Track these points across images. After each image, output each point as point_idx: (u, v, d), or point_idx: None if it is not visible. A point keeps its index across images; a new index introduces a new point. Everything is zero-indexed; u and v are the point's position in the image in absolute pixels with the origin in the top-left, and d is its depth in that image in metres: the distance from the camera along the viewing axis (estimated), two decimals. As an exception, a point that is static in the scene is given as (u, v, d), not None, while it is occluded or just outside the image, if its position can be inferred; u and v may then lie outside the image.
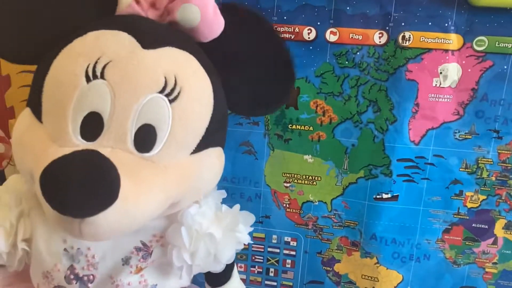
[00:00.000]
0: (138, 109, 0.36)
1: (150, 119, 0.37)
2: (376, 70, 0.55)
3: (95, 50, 0.37)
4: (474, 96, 0.54)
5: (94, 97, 0.36)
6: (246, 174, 0.61)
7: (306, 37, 0.55)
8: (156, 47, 0.38)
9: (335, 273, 0.63)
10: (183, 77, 0.38)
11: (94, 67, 0.36)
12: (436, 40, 0.53)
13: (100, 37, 0.38)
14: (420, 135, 0.56)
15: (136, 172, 0.36)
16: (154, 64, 0.37)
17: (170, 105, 0.37)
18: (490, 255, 0.59)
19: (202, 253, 0.43)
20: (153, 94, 0.36)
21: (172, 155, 0.38)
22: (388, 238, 0.59)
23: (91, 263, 0.43)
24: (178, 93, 0.37)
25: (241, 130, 0.59)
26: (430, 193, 0.58)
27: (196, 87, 0.39)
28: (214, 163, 0.44)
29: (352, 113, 0.57)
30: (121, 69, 0.36)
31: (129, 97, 0.36)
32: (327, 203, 0.60)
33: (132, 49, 0.37)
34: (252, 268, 0.65)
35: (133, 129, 0.36)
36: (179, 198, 0.41)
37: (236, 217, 0.47)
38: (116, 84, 0.36)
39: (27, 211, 0.44)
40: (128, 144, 0.36)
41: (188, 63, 0.40)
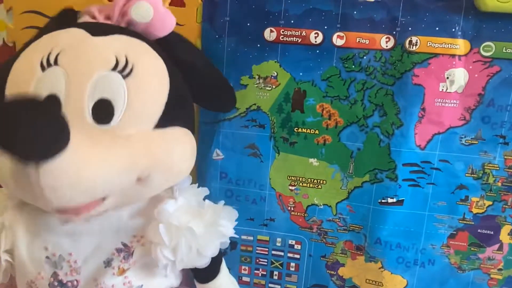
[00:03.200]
0: (91, 85, 0.38)
1: (105, 94, 0.38)
2: (382, 74, 0.55)
3: (49, 44, 0.40)
4: (481, 101, 0.54)
5: (49, 81, 0.38)
6: (251, 176, 0.61)
7: (313, 41, 0.55)
8: (106, 34, 0.41)
9: (339, 277, 0.63)
10: (134, 55, 0.40)
11: (48, 57, 0.39)
12: (443, 45, 0.53)
13: (54, 35, 0.42)
14: (426, 140, 0.56)
15: (96, 138, 0.37)
16: (103, 46, 0.40)
17: (124, 80, 0.39)
18: (495, 261, 0.59)
19: (183, 248, 0.44)
20: (106, 71, 0.39)
21: (133, 125, 0.39)
22: (393, 243, 0.59)
23: (74, 268, 0.44)
24: (131, 70, 0.40)
25: (246, 133, 0.59)
26: (435, 198, 0.58)
27: (148, 63, 0.42)
28: (183, 140, 0.44)
29: (358, 117, 0.57)
30: (72, 54, 0.39)
31: (81, 76, 0.38)
32: (332, 206, 0.60)
33: (82, 37, 0.41)
34: (256, 271, 0.65)
35: (89, 103, 0.38)
36: (148, 171, 0.41)
37: (218, 211, 0.47)
38: (69, 66, 0.39)
39: (8, 222, 0.44)
40: (87, 118, 0.38)
41: (138, 45, 0.42)
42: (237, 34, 0.56)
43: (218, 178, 0.61)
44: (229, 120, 0.59)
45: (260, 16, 0.55)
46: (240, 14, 0.56)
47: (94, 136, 0.37)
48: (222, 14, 0.56)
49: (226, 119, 0.59)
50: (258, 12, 0.55)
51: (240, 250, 0.64)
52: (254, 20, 0.56)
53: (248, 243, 0.63)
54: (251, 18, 0.56)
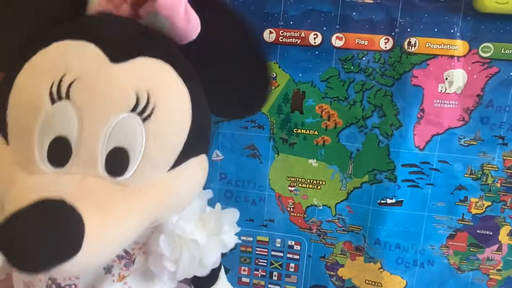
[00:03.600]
0: (107, 132, 0.33)
1: (121, 142, 0.34)
2: (381, 75, 0.55)
3: (60, 67, 0.34)
4: (480, 102, 0.55)
5: (59, 120, 0.33)
6: (250, 177, 0.61)
7: (312, 42, 0.55)
8: (126, 59, 0.35)
9: (338, 277, 0.63)
10: (156, 91, 0.35)
11: (59, 86, 0.33)
12: (442, 46, 0.53)
13: (65, 51, 0.35)
14: (425, 141, 0.56)
15: (108, 201, 0.34)
16: (123, 80, 0.34)
17: (143, 124, 0.34)
18: (494, 261, 0.59)
19: (186, 259, 0.42)
20: (124, 114, 0.34)
21: (147, 176, 0.36)
22: (392, 243, 0.59)
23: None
24: (152, 111, 0.34)
25: (246, 134, 0.59)
26: (434, 198, 0.58)
27: (171, 101, 0.36)
28: (195, 174, 0.41)
29: (357, 118, 0.57)
30: (87, 88, 0.33)
31: (97, 120, 0.33)
32: (331, 207, 0.60)
33: (99, 65, 0.34)
34: (255, 271, 0.65)
35: (103, 153, 0.34)
36: (157, 218, 0.40)
37: (220, 219, 0.45)
38: (83, 105, 0.33)
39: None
40: (99, 170, 0.34)
41: (161, 74, 0.37)
42: (237, 35, 0.56)
43: (218, 179, 0.61)
44: (228, 121, 0.59)
45: (259, 17, 0.55)
46: (240, 15, 0.56)
47: (105, 196, 0.34)
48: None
49: (225, 120, 0.59)
50: (258, 13, 0.55)
51: (240, 251, 0.64)
52: (253, 21, 0.55)
53: (248, 244, 0.63)
54: (250, 19, 0.55)
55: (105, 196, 0.34)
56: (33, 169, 0.34)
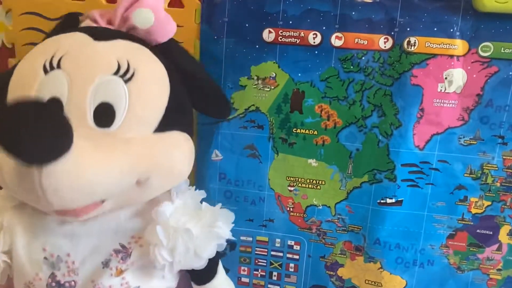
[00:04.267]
0: (93, 89, 0.39)
1: (106, 98, 0.39)
2: (381, 75, 0.55)
3: (52, 48, 0.41)
4: (479, 101, 0.54)
5: (52, 84, 0.39)
6: (250, 177, 0.61)
7: (312, 42, 0.55)
8: (108, 39, 0.42)
9: (338, 277, 0.63)
10: (135, 60, 0.41)
11: (51, 60, 0.40)
12: (442, 45, 0.53)
13: (57, 38, 0.43)
14: (425, 140, 0.56)
15: (96, 140, 0.38)
16: (106, 50, 0.41)
17: (125, 84, 0.40)
18: (494, 261, 0.59)
19: (181, 249, 0.44)
20: (107, 76, 0.39)
21: (133, 129, 0.40)
22: (392, 243, 0.59)
23: (72, 269, 0.44)
24: (132, 74, 0.40)
25: (245, 134, 0.59)
26: (434, 198, 0.58)
27: (149, 68, 0.42)
28: (182, 144, 0.45)
29: (357, 118, 0.57)
30: (75, 58, 0.40)
31: (84, 80, 0.39)
32: (331, 207, 0.60)
33: (85, 42, 0.42)
34: (255, 271, 0.65)
35: (91, 107, 0.39)
36: (147, 174, 0.41)
37: (215, 213, 0.47)
38: (72, 70, 0.39)
39: (6, 223, 0.44)
40: (88, 121, 0.39)
41: (140, 50, 0.43)
42: (236, 35, 0.56)
43: (217, 179, 0.61)
44: (227, 121, 0.59)
45: (258, 17, 0.55)
46: (239, 15, 0.56)
47: (95, 139, 0.38)
48: (221, 15, 0.56)
49: (225, 120, 0.59)
50: (257, 13, 0.55)
51: (239, 251, 0.64)
52: (252, 21, 0.56)
53: (247, 244, 0.63)
54: (249, 19, 0.56)
55: (94, 137, 0.38)
56: None
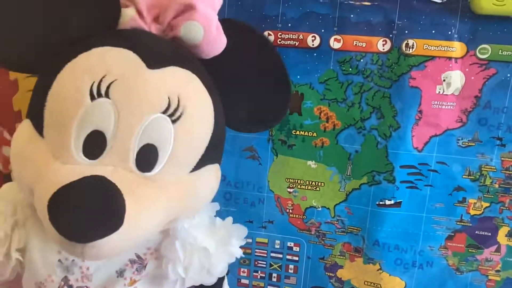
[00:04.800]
0: (141, 129, 0.36)
1: (152, 139, 0.37)
2: (379, 77, 0.55)
3: (100, 68, 0.37)
4: (477, 103, 0.55)
5: (98, 115, 0.36)
6: (249, 179, 0.61)
7: (310, 44, 0.56)
8: (160, 66, 0.38)
9: (337, 279, 0.63)
10: (185, 97, 0.38)
11: (99, 85, 0.36)
12: (440, 48, 0.53)
13: (105, 54, 0.38)
14: (423, 142, 0.56)
15: (138, 192, 0.36)
16: (158, 84, 0.37)
17: (172, 125, 0.37)
18: (493, 262, 0.59)
19: (196, 266, 0.44)
20: (157, 114, 0.37)
21: (172, 174, 0.39)
22: (391, 245, 0.59)
23: (85, 275, 0.43)
24: (181, 114, 0.38)
25: (245, 136, 0.59)
26: (433, 199, 0.58)
27: (198, 107, 0.40)
28: (211, 180, 0.44)
29: (356, 120, 0.57)
30: (126, 89, 0.36)
31: (133, 117, 0.36)
32: (330, 208, 0.61)
33: (137, 69, 0.37)
34: (255, 273, 0.65)
35: (135, 148, 0.37)
36: (178, 215, 0.42)
37: (230, 230, 0.47)
38: (121, 103, 0.36)
39: (22, 221, 0.44)
40: (130, 163, 0.37)
41: (190, 82, 0.40)
42: (235, 37, 0.56)
43: (217, 180, 0.61)
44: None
45: (257, 19, 0.56)
46: (238, 18, 0.56)
47: (134, 186, 0.36)
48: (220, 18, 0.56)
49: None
50: (256, 15, 0.56)
51: (239, 252, 0.64)
52: (251, 24, 0.56)
53: (247, 246, 0.63)
54: (248, 22, 0.55)
55: (136, 186, 0.36)
56: (67, 159, 0.36)
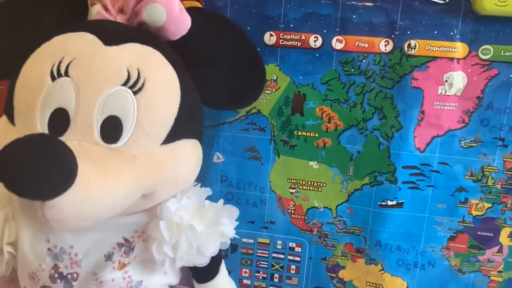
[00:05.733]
0: (102, 102, 0.37)
1: (114, 111, 0.38)
2: (381, 77, 0.55)
3: (60, 51, 0.39)
4: (480, 104, 0.55)
5: (59, 94, 0.37)
6: (251, 179, 0.61)
7: (313, 45, 0.56)
8: (118, 43, 0.40)
9: (339, 279, 0.63)
10: (146, 69, 0.39)
11: (59, 66, 0.38)
12: (442, 48, 0.53)
13: (65, 39, 0.40)
14: (426, 143, 0.56)
15: (102, 161, 0.36)
16: (116, 58, 0.39)
17: (134, 96, 0.38)
18: (495, 263, 0.59)
19: (183, 245, 0.44)
20: (117, 87, 0.38)
21: (140, 145, 0.39)
22: (393, 245, 0.59)
23: (75, 261, 0.44)
24: (142, 85, 0.38)
25: (247, 136, 0.60)
26: (435, 200, 0.58)
27: (160, 77, 0.40)
28: (189, 154, 0.44)
29: (358, 120, 0.57)
30: (83, 66, 0.38)
31: (92, 91, 0.37)
32: (332, 209, 0.61)
33: (94, 46, 0.39)
34: (256, 273, 0.65)
35: (98, 121, 0.37)
36: (153, 189, 0.41)
37: (219, 210, 0.47)
38: (80, 80, 0.37)
39: (11, 213, 0.44)
40: (95, 136, 0.37)
41: (151, 56, 0.41)
42: (237, 38, 0.56)
43: (219, 181, 0.61)
44: (229, 124, 0.59)
45: (259, 20, 0.56)
46: (240, 18, 0.56)
47: (100, 157, 0.36)
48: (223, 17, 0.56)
49: (226, 122, 0.59)
50: (258, 16, 0.56)
51: (241, 252, 0.64)
52: (254, 24, 0.56)
53: (249, 246, 0.63)
54: (251, 22, 0.56)
55: (100, 157, 0.36)
56: None
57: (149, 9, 0.41)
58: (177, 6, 0.42)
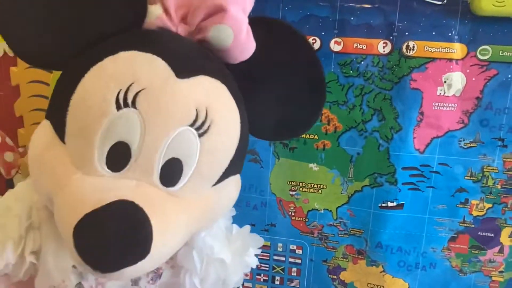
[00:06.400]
0: (167, 142, 0.35)
1: (178, 153, 0.35)
2: (380, 79, 0.55)
3: (128, 75, 0.35)
4: (479, 104, 0.55)
5: (123, 126, 0.34)
6: (252, 182, 0.61)
7: (311, 47, 0.56)
8: (190, 76, 0.36)
9: (340, 281, 0.63)
10: (213, 109, 0.37)
11: (126, 94, 0.34)
12: (440, 49, 0.53)
13: (133, 61, 0.36)
14: (425, 144, 0.56)
15: (162, 210, 0.35)
16: (187, 95, 0.36)
17: (199, 139, 0.36)
18: (496, 263, 0.59)
19: (212, 278, 0.44)
20: (184, 127, 0.35)
21: (195, 189, 0.37)
22: (393, 247, 0.59)
23: (100, 282, 0.43)
24: (208, 127, 0.36)
25: (246, 139, 0.60)
26: (435, 201, 0.58)
27: (225, 120, 0.38)
28: (231, 190, 0.43)
29: (357, 122, 0.57)
30: (153, 99, 0.35)
31: (160, 130, 0.35)
32: (332, 211, 0.61)
33: (165, 78, 0.35)
34: (257, 276, 0.65)
35: (160, 162, 0.35)
36: (199, 230, 0.41)
37: (247, 241, 0.46)
38: (148, 115, 0.34)
39: (37, 223, 0.43)
40: (154, 178, 0.35)
41: (219, 94, 0.38)
42: (236, 41, 0.56)
43: (219, 184, 0.61)
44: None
45: (258, 23, 0.56)
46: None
47: (161, 204, 0.35)
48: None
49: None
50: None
51: (242, 255, 0.64)
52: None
53: (250, 249, 0.63)
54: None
55: (161, 204, 0.35)
56: (89, 171, 0.35)
57: (216, 29, 0.38)
58: (245, 31, 0.39)
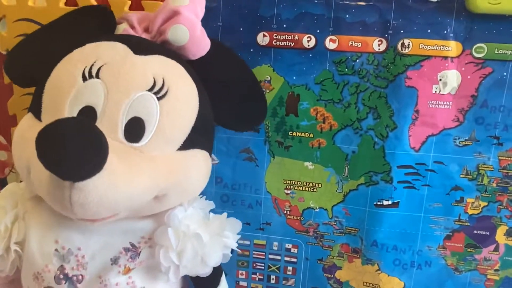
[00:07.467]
0: (128, 103, 0.40)
1: (139, 113, 0.40)
2: (375, 77, 0.55)
3: (92, 56, 0.42)
4: (474, 102, 0.55)
5: (89, 93, 0.40)
6: (246, 181, 0.61)
7: (306, 45, 0.55)
8: (146, 53, 0.43)
9: (336, 280, 0.63)
10: (170, 78, 0.42)
11: (91, 69, 0.41)
12: (435, 47, 0.53)
13: (97, 46, 0.43)
14: (420, 142, 0.56)
15: (125, 157, 0.39)
16: (144, 66, 0.42)
17: (158, 101, 0.41)
18: (492, 261, 0.59)
19: (189, 253, 0.45)
20: (143, 91, 0.41)
21: (159, 147, 0.42)
22: (389, 245, 0.59)
23: (81, 263, 0.44)
24: (166, 92, 0.42)
25: (241, 137, 0.59)
26: (431, 199, 0.58)
27: (182, 88, 0.44)
28: (200, 164, 0.46)
29: (352, 120, 0.57)
30: (114, 70, 0.41)
31: (120, 94, 0.40)
32: (327, 210, 0.60)
33: (124, 54, 0.42)
34: (253, 275, 0.65)
35: (123, 121, 0.40)
36: (165, 191, 0.43)
37: (223, 222, 0.48)
38: (110, 82, 0.40)
39: (22, 213, 0.46)
40: (119, 134, 0.40)
41: (175, 68, 0.44)
42: (230, 39, 0.56)
43: (214, 182, 0.61)
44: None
45: (252, 20, 0.55)
46: (233, 19, 0.56)
47: (122, 153, 0.39)
48: (215, 19, 0.56)
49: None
50: (251, 16, 0.55)
51: (237, 254, 0.63)
52: (246, 25, 0.56)
53: (245, 248, 0.63)
54: (243, 23, 0.56)
55: (123, 152, 0.39)
56: None
57: (173, 29, 0.45)
58: (199, 29, 0.47)
